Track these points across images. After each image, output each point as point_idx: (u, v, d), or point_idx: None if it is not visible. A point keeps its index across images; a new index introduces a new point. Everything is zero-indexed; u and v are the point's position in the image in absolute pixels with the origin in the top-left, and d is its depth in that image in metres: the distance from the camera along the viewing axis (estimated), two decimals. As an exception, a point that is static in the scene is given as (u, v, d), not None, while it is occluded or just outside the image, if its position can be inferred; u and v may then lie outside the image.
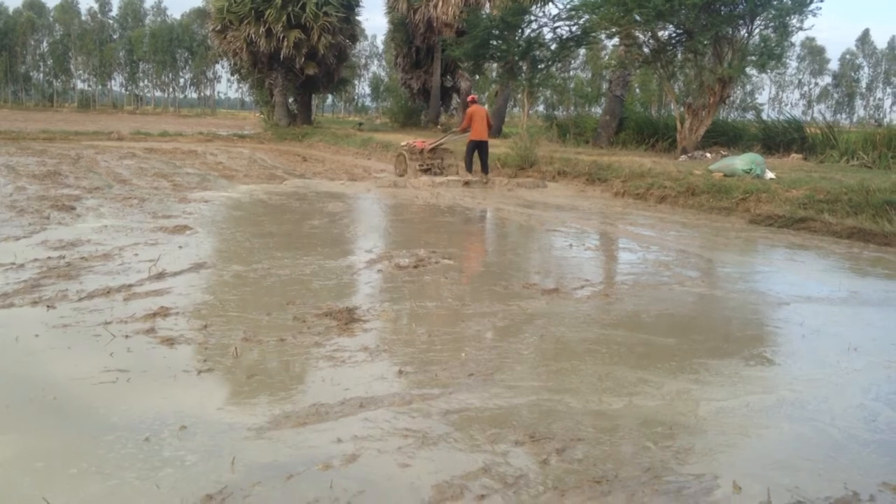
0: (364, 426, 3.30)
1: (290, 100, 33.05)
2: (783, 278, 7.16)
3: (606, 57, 39.81)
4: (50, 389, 3.65)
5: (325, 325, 4.78)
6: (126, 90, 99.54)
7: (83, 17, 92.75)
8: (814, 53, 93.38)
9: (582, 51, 39.00)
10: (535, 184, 14.42)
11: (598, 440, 3.25)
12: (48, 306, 4.99)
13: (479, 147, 14.79)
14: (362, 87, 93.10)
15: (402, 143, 16.47)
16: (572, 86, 59.49)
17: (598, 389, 3.85)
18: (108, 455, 3.00)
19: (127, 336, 4.44)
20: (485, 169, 15.03)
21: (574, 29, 21.48)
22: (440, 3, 27.79)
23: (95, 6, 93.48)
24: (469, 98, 16.32)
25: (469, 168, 14.94)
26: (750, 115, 23.83)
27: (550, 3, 26.55)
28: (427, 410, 3.51)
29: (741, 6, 16.00)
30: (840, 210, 9.77)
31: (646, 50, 18.97)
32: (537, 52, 22.51)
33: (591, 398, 3.73)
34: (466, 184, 14.07)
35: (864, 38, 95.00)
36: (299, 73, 30.29)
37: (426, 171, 15.33)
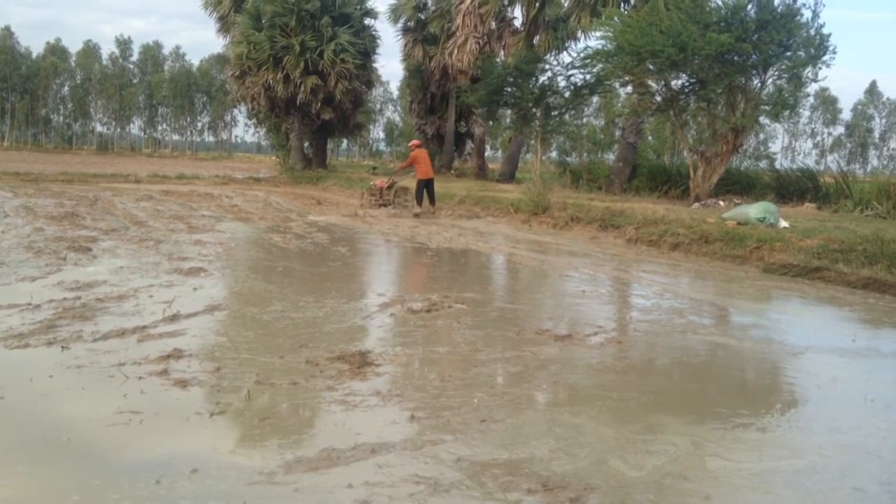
0: (376, 472, 3.29)
1: (306, 144, 33.44)
2: (797, 328, 7.10)
3: (619, 105, 40.10)
4: (64, 430, 3.66)
5: (338, 368, 4.78)
6: (144, 133, 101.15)
7: (104, 62, 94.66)
8: (827, 103, 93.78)
9: (595, 98, 39.28)
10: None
11: (610, 490, 3.22)
12: (63, 347, 5.01)
13: (427, 185, 17.37)
14: (377, 132, 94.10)
15: (370, 184, 19.28)
16: (585, 132, 59.92)
17: (610, 438, 3.82)
18: (119, 497, 2.99)
19: (140, 378, 4.45)
20: (432, 202, 17.65)
21: (588, 77, 21.72)
22: (455, 51, 28.17)
23: (116, 51, 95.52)
24: (412, 143, 19.26)
25: (419, 202, 17.32)
26: (763, 164, 23.83)
27: (564, 52, 27.05)
28: (439, 456, 3.49)
29: (754, 57, 16.14)
30: (855, 260, 9.71)
31: (658, 98, 19.12)
32: (551, 100, 22.75)
33: (604, 447, 3.70)
34: (416, 215, 16.96)
35: (872, 90, 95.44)
36: (315, 118, 30.68)
37: (383, 205, 18.21)
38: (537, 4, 26.60)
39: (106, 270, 8.10)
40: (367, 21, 31.48)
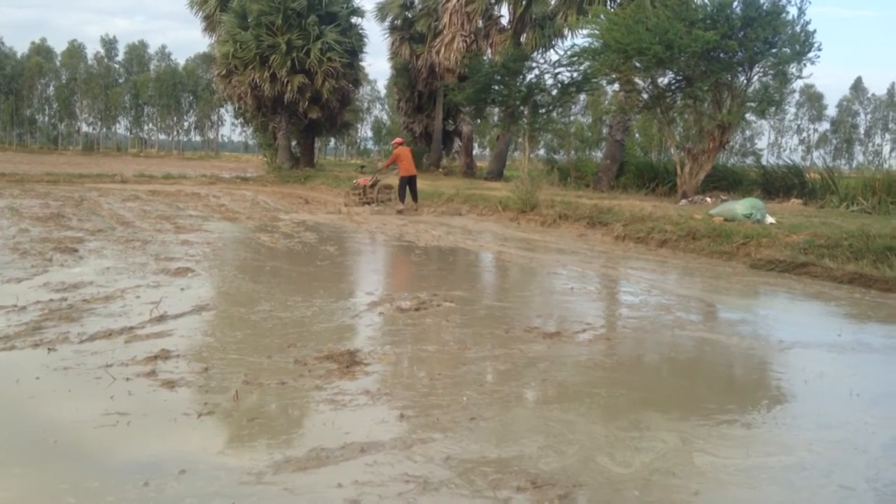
0: (365, 471, 3.28)
1: (294, 143, 33.35)
2: (784, 323, 7.15)
3: (607, 102, 40.21)
4: (50, 432, 3.64)
5: (326, 368, 4.77)
6: (130, 133, 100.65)
7: (89, 62, 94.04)
8: (812, 100, 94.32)
9: (582, 96, 39.37)
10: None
11: (599, 487, 3.23)
12: (49, 349, 4.98)
13: (409, 182, 17.84)
14: (365, 131, 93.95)
15: (354, 182, 19.72)
16: (573, 130, 60.03)
17: (599, 435, 3.83)
18: (107, 499, 2.98)
19: (128, 379, 4.43)
20: (414, 199, 18.05)
21: (575, 75, 21.77)
22: (443, 49, 28.16)
23: (101, 51, 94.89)
24: (395, 141, 19.69)
25: (402, 199, 17.80)
26: (749, 161, 23.97)
27: (552, 50, 27.09)
28: (428, 455, 3.49)
29: (740, 54, 16.21)
30: (841, 255, 9.78)
31: (645, 96, 19.19)
32: (538, 98, 22.79)
33: (593, 444, 3.71)
34: (400, 211, 17.35)
35: (858, 86, 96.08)
36: (303, 117, 30.60)
37: (367, 203, 18.47)
38: (524, 2, 26.66)
39: (92, 271, 8.06)
40: (354, 20, 31.45)
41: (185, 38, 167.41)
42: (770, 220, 12.30)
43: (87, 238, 10.82)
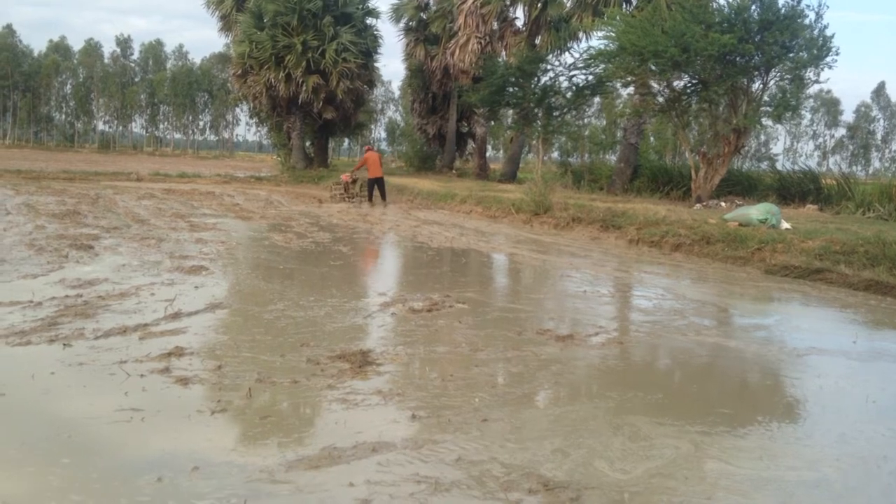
0: (377, 470, 3.29)
1: (308, 143, 33.41)
2: (799, 330, 7.09)
3: (621, 105, 40.07)
4: (64, 427, 3.66)
5: (339, 367, 4.78)
6: (146, 132, 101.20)
7: (106, 61, 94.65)
8: (828, 105, 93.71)
9: (597, 99, 39.25)
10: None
11: (610, 490, 3.22)
12: (64, 344, 5.02)
13: (377, 182, 20.87)
14: (378, 132, 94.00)
15: (338, 178, 22.82)
16: (587, 133, 59.90)
17: (610, 439, 3.82)
18: (120, 495, 3.00)
19: (142, 375, 4.45)
20: (383, 197, 20.92)
21: (590, 77, 21.71)
22: (457, 51, 28.11)
23: (118, 50, 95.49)
24: (366, 148, 23.45)
25: (370, 197, 20.86)
26: (765, 166, 23.77)
27: (567, 53, 26.99)
28: (440, 456, 3.49)
29: (756, 58, 16.12)
30: (856, 262, 9.71)
31: (661, 99, 19.11)
32: (553, 100, 22.75)
33: (605, 448, 3.70)
34: (372, 205, 20.22)
35: (880, 91, 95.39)
36: (317, 118, 30.66)
37: (349, 198, 21.43)
38: (539, 4, 26.56)
39: (108, 268, 8.11)
40: (369, 21, 31.46)
41: (200, 38, 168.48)
42: (785, 225, 12.23)
43: (103, 235, 10.89)
